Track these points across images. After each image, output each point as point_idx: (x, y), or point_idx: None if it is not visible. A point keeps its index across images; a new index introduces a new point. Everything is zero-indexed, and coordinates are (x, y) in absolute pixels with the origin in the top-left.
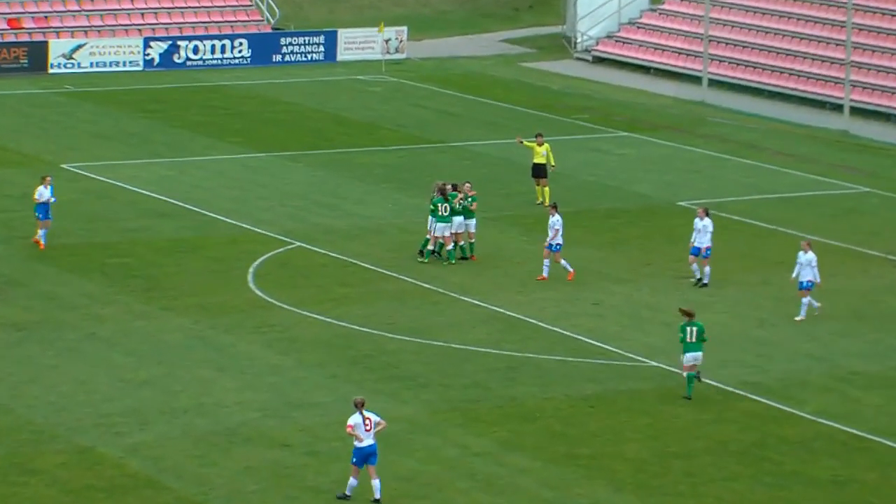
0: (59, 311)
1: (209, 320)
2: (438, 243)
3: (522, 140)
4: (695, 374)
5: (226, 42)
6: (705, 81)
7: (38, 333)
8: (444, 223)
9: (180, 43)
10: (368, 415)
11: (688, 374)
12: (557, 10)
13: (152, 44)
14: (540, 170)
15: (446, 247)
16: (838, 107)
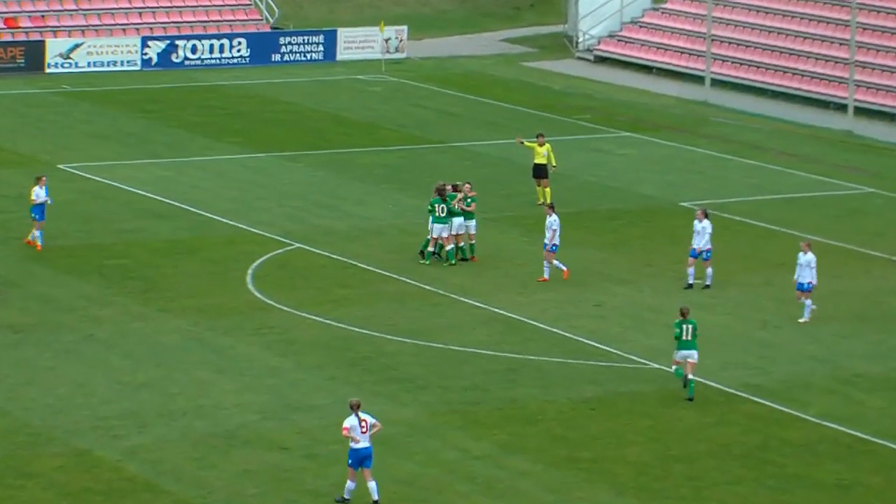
0: (56, 313)
1: (207, 322)
2: (438, 244)
3: (523, 140)
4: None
5: (224, 41)
6: (708, 81)
7: (34, 335)
8: (440, 224)
9: (178, 42)
10: (364, 416)
11: (676, 369)
12: (559, 8)
13: (150, 43)
14: (541, 170)
15: (446, 247)
16: (842, 107)
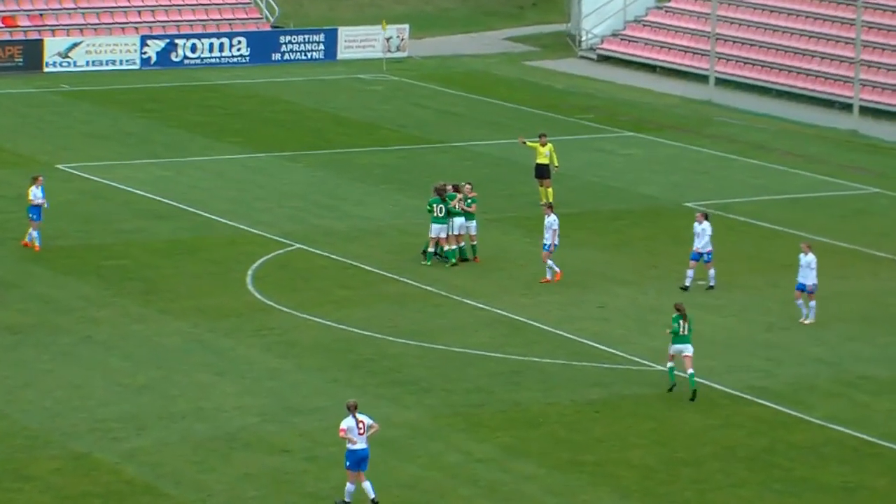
0: (54, 314)
1: (207, 323)
2: (439, 245)
3: (525, 140)
4: (693, 389)
5: (224, 40)
6: (712, 80)
7: (33, 337)
8: (438, 224)
9: (178, 41)
10: (361, 417)
11: (671, 368)
12: (562, 7)
13: (149, 42)
14: (543, 170)
15: (446, 247)
16: (847, 106)
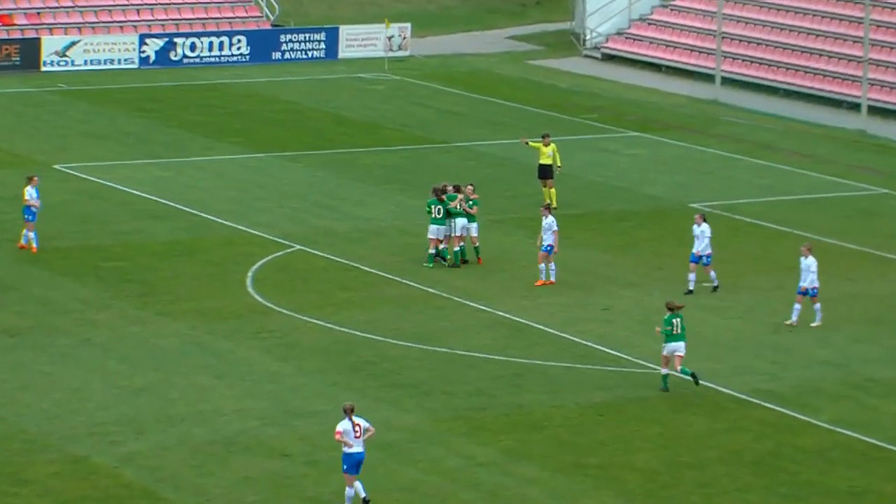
0: (52, 316)
1: (206, 326)
2: (444, 250)
3: (527, 140)
4: (690, 372)
5: (224, 39)
6: (718, 80)
7: (30, 339)
8: (437, 225)
9: (177, 40)
10: (358, 420)
11: (665, 374)
12: (566, 5)
13: (148, 41)
14: (546, 171)
15: (443, 246)
16: (855, 106)
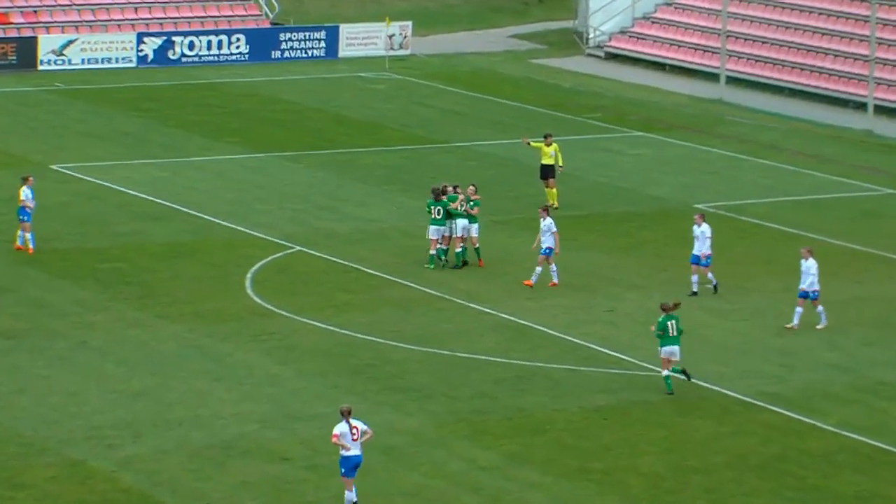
0: (49, 319)
1: (205, 328)
2: (440, 248)
3: (529, 141)
4: (680, 370)
5: (223, 37)
6: (723, 79)
7: (27, 342)
8: (435, 226)
9: (175, 38)
10: (355, 423)
11: (666, 375)
12: (569, 4)
13: (146, 39)
14: (548, 171)
15: (446, 247)
16: (862, 105)
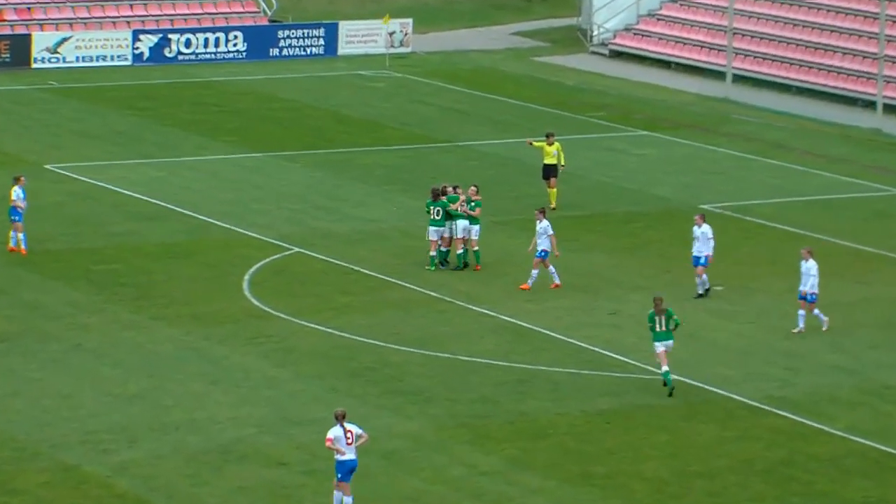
0: (42, 321)
1: (202, 330)
2: (440, 249)
3: (532, 141)
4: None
5: (220, 35)
6: (729, 77)
7: (20, 344)
8: (435, 227)
9: (171, 36)
10: (349, 427)
11: (665, 372)
12: (572, 1)
13: (142, 37)
14: (550, 170)
15: (445, 248)
16: (871, 104)
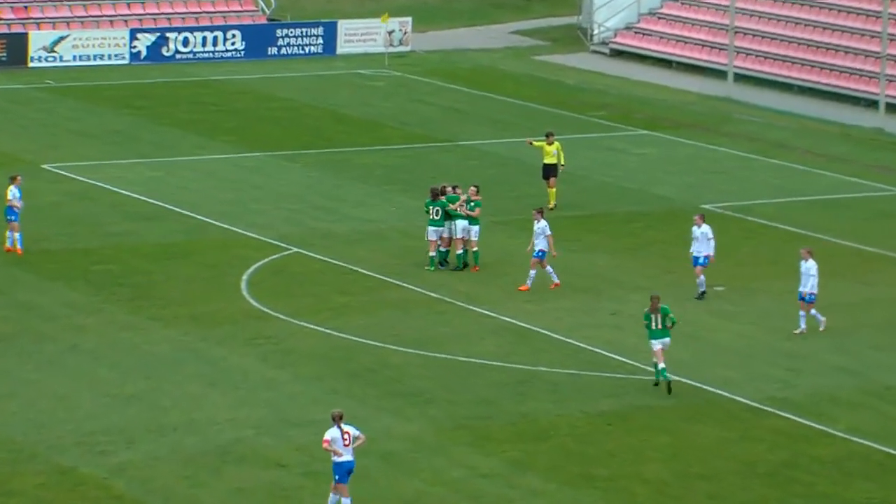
0: (39, 322)
1: (200, 331)
2: (440, 250)
3: (532, 141)
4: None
5: (218, 34)
6: (731, 76)
7: (16, 345)
8: (434, 227)
9: (169, 35)
10: (347, 428)
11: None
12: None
13: (139, 36)
14: (550, 170)
15: (445, 248)
16: (873, 103)
